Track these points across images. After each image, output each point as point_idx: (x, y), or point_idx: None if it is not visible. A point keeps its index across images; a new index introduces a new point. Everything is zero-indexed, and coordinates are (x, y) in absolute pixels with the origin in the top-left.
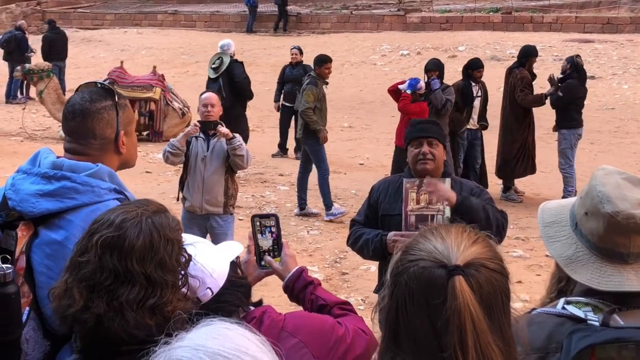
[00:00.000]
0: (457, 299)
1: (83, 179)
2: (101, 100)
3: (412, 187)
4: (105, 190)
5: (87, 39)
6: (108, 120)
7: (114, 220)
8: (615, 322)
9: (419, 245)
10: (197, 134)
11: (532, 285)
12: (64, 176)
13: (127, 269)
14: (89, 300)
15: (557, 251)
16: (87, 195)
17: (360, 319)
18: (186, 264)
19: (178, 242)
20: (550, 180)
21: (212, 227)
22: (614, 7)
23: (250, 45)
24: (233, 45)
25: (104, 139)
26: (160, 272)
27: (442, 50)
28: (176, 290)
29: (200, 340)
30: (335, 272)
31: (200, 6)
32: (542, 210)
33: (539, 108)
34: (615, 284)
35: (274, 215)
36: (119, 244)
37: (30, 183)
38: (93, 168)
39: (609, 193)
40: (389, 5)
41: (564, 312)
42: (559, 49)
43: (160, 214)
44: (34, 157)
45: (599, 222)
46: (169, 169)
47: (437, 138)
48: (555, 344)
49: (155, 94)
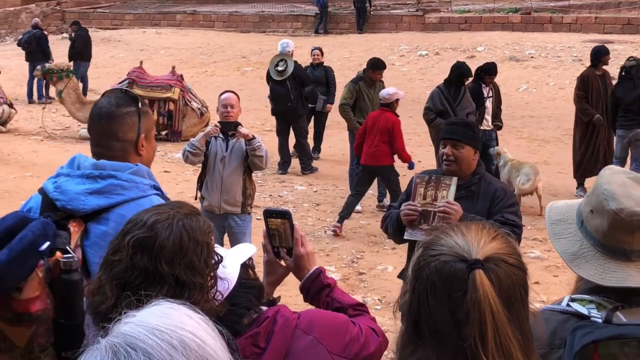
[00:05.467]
0: (477, 291)
1: (127, 176)
2: (126, 106)
3: (421, 182)
4: (147, 186)
5: (107, 39)
6: (131, 125)
7: (147, 221)
8: (618, 319)
9: (441, 241)
10: (217, 134)
11: (549, 286)
12: (110, 175)
13: (157, 269)
14: (120, 298)
15: (562, 247)
16: (133, 190)
17: (372, 320)
18: (216, 266)
19: (208, 244)
20: (567, 181)
21: (230, 227)
22: (634, 7)
23: (268, 45)
24: (292, 44)
25: (125, 141)
26: (189, 273)
27: (461, 51)
28: (205, 292)
29: (143, 317)
30: (352, 272)
31: (219, 6)
32: (550, 208)
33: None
34: (618, 279)
35: (286, 211)
36: (150, 245)
37: (76, 184)
38: (134, 167)
39: (614, 191)
40: (407, 6)
41: (568, 309)
42: (578, 49)
43: (192, 217)
44: (71, 161)
45: (604, 219)
46: (187, 169)
47: (462, 140)
48: (559, 340)
49: (174, 94)
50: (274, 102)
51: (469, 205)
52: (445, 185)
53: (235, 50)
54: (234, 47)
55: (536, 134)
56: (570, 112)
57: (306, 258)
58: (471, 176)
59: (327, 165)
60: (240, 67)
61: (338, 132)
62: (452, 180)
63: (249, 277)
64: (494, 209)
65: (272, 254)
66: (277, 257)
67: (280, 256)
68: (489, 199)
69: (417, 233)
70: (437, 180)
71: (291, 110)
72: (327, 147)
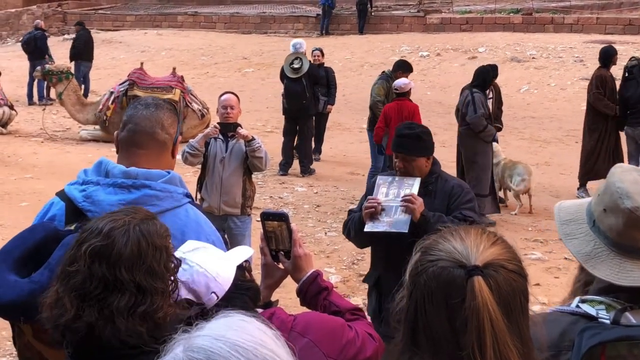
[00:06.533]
0: (476, 298)
1: (162, 186)
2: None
3: (384, 183)
4: (180, 195)
5: (108, 40)
6: (174, 120)
7: (103, 229)
8: (627, 320)
9: (438, 246)
10: (217, 135)
11: (550, 287)
12: (144, 184)
13: (116, 277)
14: (80, 309)
15: (575, 248)
16: (168, 200)
17: (369, 325)
18: (175, 269)
19: (167, 248)
20: (569, 182)
21: (229, 228)
22: (635, 8)
23: (269, 46)
24: (305, 44)
25: (168, 134)
26: (149, 279)
27: (462, 52)
28: (166, 297)
29: (220, 330)
30: (352, 273)
31: (220, 7)
32: (559, 208)
33: (563, 107)
34: (635, 279)
35: (283, 214)
36: (108, 253)
37: (107, 194)
38: (166, 175)
39: (628, 189)
40: (408, 7)
41: (577, 310)
42: (579, 50)
43: (148, 222)
44: (97, 166)
45: (618, 218)
46: (187, 170)
47: (413, 154)
48: (568, 342)
49: (174, 95)
50: (288, 99)
51: (427, 203)
52: (408, 185)
53: (236, 52)
54: (235, 49)
55: (537, 135)
56: (572, 113)
57: (304, 259)
58: (428, 176)
59: (327, 166)
60: (241, 69)
61: (339, 133)
62: (415, 180)
63: (245, 279)
64: (452, 206)
65: (269, 257)
66: (274, 260)
67: (278, 259)
68: (446, 196)
69: (379, 225)
70: (400, 180)
71: (304, 109)
72: (328, 149)
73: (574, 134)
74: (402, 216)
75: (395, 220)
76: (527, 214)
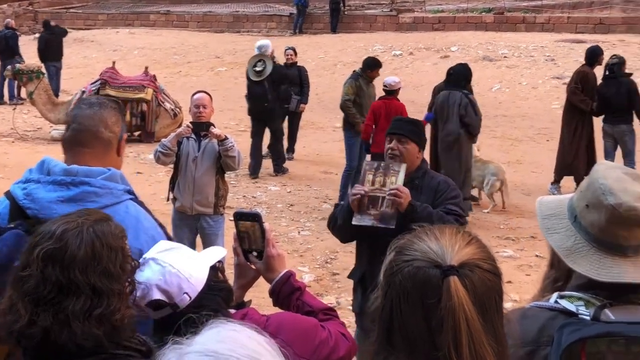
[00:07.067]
0: (452, 298)
1: (101, 182)
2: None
3: (370, 169)
4: (121, 191)
5: (79, 39)
6: (118, 119)
7: (55, 232)
8: (606, 316)
9: (414, 245)
10: (189, 135)
11: (522, 285)
12: (83, 181)
13: (71, 280)
14: (34, 314)
15: (556, 242)
16: (107, 197)
17: (342, 325)
18: (132, 271)
19: (122, 249)
20: (540, 180)
21: (202, 228)
22: (606, 7)
23: (242, 45)
24: (271, 45)
25: (112, 133)
26: (105, 281)
27: (435, 51)
28: (123, 298)
29: (210, 345)
30: (326, 272)
31: (193, 6)
32: (540, 203)
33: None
34: (614, 275)
35: (256, 214)
36: (61, 256)
37: (46, 191)
38: (106, 172)
39: (611, 186)
40: (381, 6)
41: (556, 305)
42: (551, 49)
43: (102, 223)
44: (40, 165)
45: (601, 214)
46: (160, 170)
47: (408, 136)
48: (546, 337)
49: (147, 94)
50: (251, 102)
51: (413, 198)
52: (394, 171)
53: (209, 51)
54: (208, 47)
55: (509, 134)
56: (543, 112)
57: (277, 260)
58: (415, 171)
59: (301, 165)
60: (214, 68)
61: (312, 132)
62: (400, 166)
63: (218, 279)
64: (437, 201)
65: (242, 257)
66: (247, 260)
67: (249, 260)
68: (432, 191)
69: (366, 218)
70: (386, 167)
71: (268, 111)
72: (301, 148)
73: (545, 132)
74: (389, 209)
75: (382, 214)
76: (499, 212)
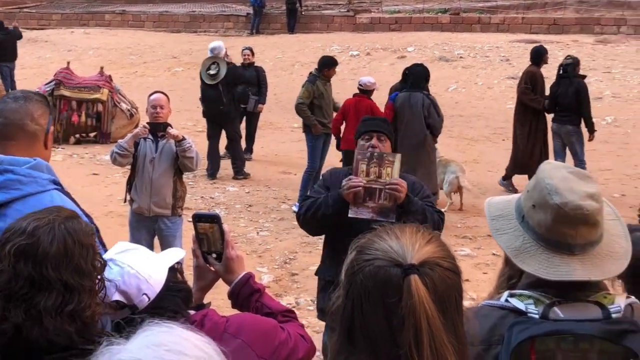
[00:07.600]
0: (413, 297)
1: (26, 171)
2: (38, 96)
3: (363, 158)
4: (46, 181)
5: (33, 39)
6: (45, 112)
7: (26, 228)
8: (555, 314)
9: (374, 244)
10: (146, 135)
11: (479, 283)
12: (7, 169)
13: (43, 276)
14: (6, 310)
15: (505, 243)
16: (31, 185)
17: (301, 326)
18: (102, 268)
19: (92, 247)
20: (496, 180)
21: (160, 229)
22: (559, 8)
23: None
24: (224, 47)
25: (39, 125)
26: (77, 277)
27: (392, 51)
28: (94, 295)
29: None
30: (285, 273)
31: (149, 6)
32: (489, 204)
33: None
34: (563, 273)
35: (215, 215)
36: (33, 251)
37: None
38: (32, 162)
39: (557, 185)
40: (338, 6)
41: (506, 304)
42: (506, 49)
43: (73, 220)
44: None
45: (547, 214)
46: (116, 171)
47: (386, 134)
48: (498, 336)
49: (102, 95)
50: (205, 105)
51: None
52: (389, 162)
53: (165, 51)
54: (165, 48)
55: (465, 133)
56: (499, 112)
57: (236, 262)
58: None
59: (259, 166)
60: (171, 68)
61: (270, 132)
62: (395, 157)
63: (177, 280)
64: None
65: (201, 259)
66: (206, 262)
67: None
68: (409, 190)
69: (364, 211)
70: (380, 157)
71: (223, 114)
72: (259, 148)
73: (501, 132)
74: (387, 202)
75: (380, 207)
76: (456, 211)
